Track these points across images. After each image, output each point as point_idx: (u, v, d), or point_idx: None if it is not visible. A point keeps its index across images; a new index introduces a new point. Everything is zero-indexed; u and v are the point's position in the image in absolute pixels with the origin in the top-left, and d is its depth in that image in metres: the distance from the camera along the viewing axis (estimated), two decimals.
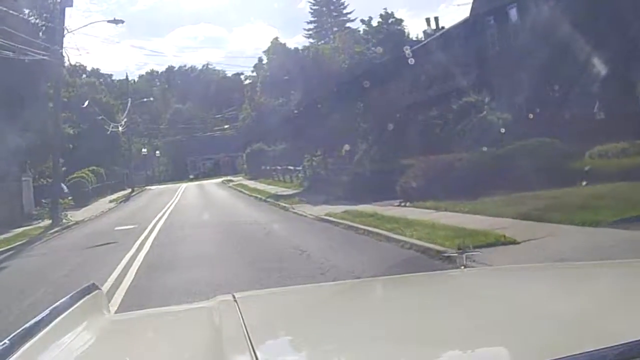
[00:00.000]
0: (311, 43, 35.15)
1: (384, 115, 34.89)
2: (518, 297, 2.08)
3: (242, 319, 1.87)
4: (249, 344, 1.57)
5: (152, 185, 71.23)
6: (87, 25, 57.79)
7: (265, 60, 36.46)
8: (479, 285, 2.50)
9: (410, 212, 17.76)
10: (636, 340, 1.25)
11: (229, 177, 65.35)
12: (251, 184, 49.38)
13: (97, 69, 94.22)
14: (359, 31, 35.06)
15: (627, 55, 21.28)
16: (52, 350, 1.76)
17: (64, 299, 2.03)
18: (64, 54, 31.28)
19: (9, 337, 1.64)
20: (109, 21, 31.69)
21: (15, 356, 1.58)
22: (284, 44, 34.07)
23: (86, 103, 42.39)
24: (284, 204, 26.97)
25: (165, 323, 2.44)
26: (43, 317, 1.85)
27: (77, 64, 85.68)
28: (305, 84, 34.06)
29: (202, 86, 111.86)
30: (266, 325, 2.00)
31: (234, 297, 2.25)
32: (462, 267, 3.23)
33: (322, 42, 37.14)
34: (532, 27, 28.17)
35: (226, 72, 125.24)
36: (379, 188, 23.89)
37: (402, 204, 19.86)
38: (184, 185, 62.04)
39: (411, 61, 36.62)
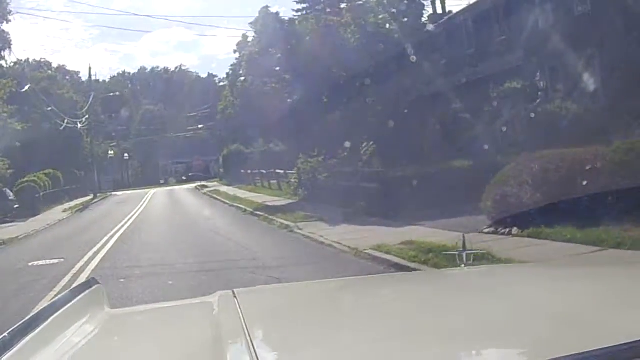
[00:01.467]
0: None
1: (398, 107, 26.24)
2: (518, 296, 1.96)
3: (242, 315, 1.78)
4: (248, 339, 1.48)
5: (118, 191, 61.71)
6: None
7: (251, 38, 27.47)
8: (480, 283, 2.36)
9: (550, 249, 9.23)
10: (636, 341, 1.19)
11: (202, 183, 56.18)
12: (230, 190, 40.46)
13: (64, 65, 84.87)
14: (369, 4, 26.22)
15: None
16: (52, 344, 1.68)
17: (64, 293, 1.96)
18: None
19: (9, 331, 1.55)
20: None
21: (15, 350, 1.50)
22: (277, 14, 25.15)
23: (27, 87, 32.93)
24: (283, 221, 18.26)
25: (165, 318, 2.34)
26: (43, 311, 1.77)
27: (42, 60, 76.30)
28: (302, 65, 25.44)
29: (175, 88, 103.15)
30: (266, 321, 1.91)
31: (233, 292, 2.12)
32: (463, 266, 2.74)
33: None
34: None
35: (200, 74, 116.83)
36: (417, 199, 15.54)
37: (504, 230, 11.27)
38: (152, 191, 52.87)
39: (434, 39, 28.31)
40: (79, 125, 46.25)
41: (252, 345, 1.44)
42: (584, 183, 10.63)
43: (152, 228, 21.17)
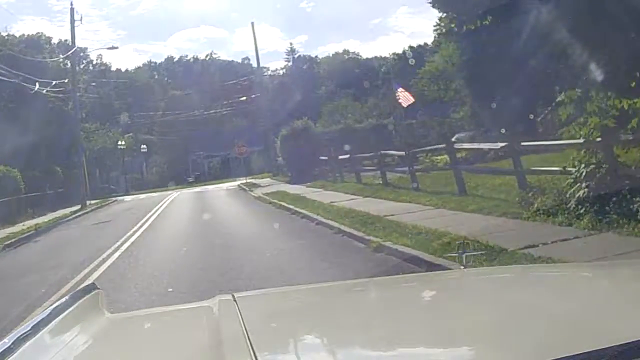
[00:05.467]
0: None
1: None
2: (518, 297, 1.82)
3: (242, 319, 1.62)
4: (248, 344, 1.38)
5: (130, 195, 40.89)
6: None
7: None
8: (479, 285, 2.15)
9: None
10: (636, 340, 1.13)
11: (248, 179, 34.85)
12: (312, 193, 19.20)
13: (66, 40, 64.09)
14: None
15: None
16: (52, 349, 1.56)
17: (63, 299, 1.81)
18: None
19: (9, 337, 1.44)
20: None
21: (15, 355, 1.40)
22: None
23: None
24: None
25: (165, 323, 2.13)
26: (43, 317, 1.65)
27: (38, 34, 55.40)
28: None
29: (206, 76, 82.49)
30: (266, 325, 1.74)
31: (233, 297, 1.93)
32: (462, 267, 2.46)
33: None
34: None
35: (232, 60, 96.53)
36: None
37: None
38: (174, 194, 31.85)
39: None
40: (37, 87, 24.86)
41: (252, 349, 1.33)
42: None
43: None
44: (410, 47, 73.63)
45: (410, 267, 7.39)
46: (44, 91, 27.02)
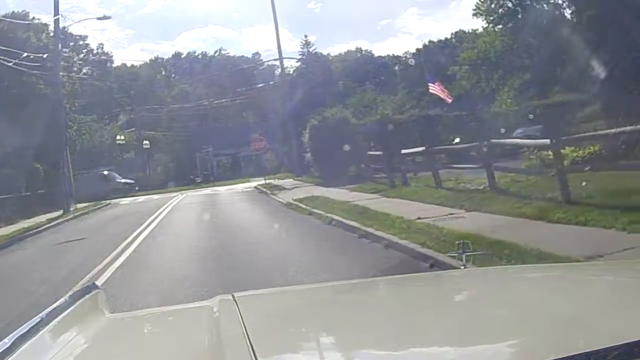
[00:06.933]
0: None
1: None
2: (518, 297, 1.75)
3: (242, 319, 1.56)
4: (248, 343, 1.33)
5: (127, 197, 34.94)
6: None
7: None
8: (480, 285, 2.07)
9: None
10: (636, 340, 1.09)
11: (267, 180, 28.71)
12: (374, 203, 13.15)
13: (64, 28, 58.43)
14: None
15: None
16: (52, 349, 1.49)
17: (63, 299, 1.72)
18: None
19: (8, 337, 1.38)
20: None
21: (14, 355, 1.35)
22: None
23: None
24: None
25: (165, 322, 2.06)
26: (43, 317, 1.56)
27: (23, 12, 49.38)
28: None
29: (214, 70, 76.42)
30: (266, 325, 1.65)
31: (233, 296, 1.85)
32: (463, 267, 2.34)
33: None
34: None
35: (243, 56, 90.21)
36: None
37: None
38: (179, 197, 25.90)
39: None
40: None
41: (253, 350, 1.29)
42: None
43: None
44: (431, 42, 68.29)
45: None
46: (12, 63, 21.10)
